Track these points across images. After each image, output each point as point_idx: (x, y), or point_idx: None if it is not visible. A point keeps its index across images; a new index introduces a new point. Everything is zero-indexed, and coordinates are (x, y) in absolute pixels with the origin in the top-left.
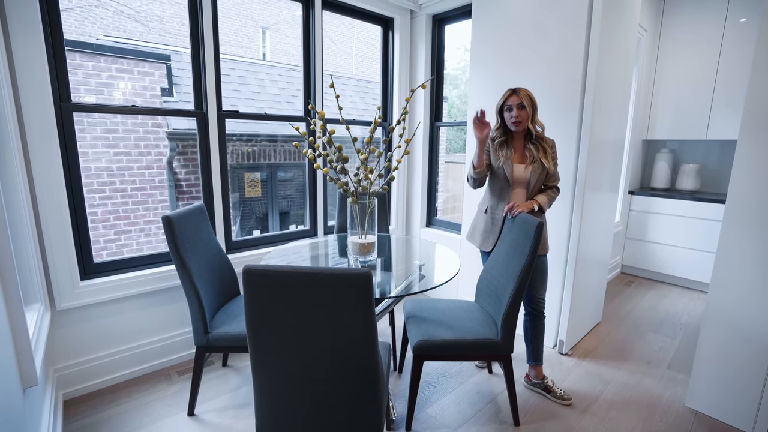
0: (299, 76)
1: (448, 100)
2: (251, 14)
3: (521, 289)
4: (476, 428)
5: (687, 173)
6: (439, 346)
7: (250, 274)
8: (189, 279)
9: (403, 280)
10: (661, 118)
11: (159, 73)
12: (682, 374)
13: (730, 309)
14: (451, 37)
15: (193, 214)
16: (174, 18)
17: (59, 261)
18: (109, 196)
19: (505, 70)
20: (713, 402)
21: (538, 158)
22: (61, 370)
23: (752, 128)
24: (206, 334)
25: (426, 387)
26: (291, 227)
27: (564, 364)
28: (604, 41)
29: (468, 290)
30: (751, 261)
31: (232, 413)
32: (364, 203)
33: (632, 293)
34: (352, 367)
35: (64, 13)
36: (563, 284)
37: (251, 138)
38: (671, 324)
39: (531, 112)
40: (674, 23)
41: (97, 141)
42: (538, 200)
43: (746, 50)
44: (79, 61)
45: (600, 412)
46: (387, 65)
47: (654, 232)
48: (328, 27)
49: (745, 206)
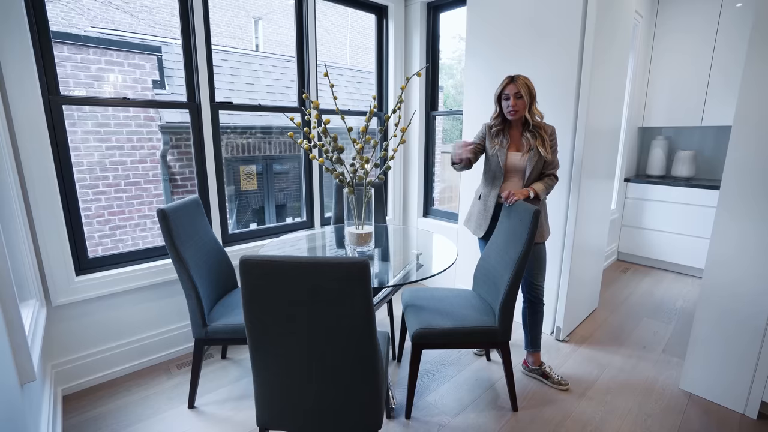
0: (293, 67)
1: (444, 89)
2: (243, 4)
3: (518, 276)
4: (475, 415)
5: (682, 160)
6: (437, 335)
7: (247, 264)
8: (186, 272)
9: (400, 269)
10: (657, 104)
11: (150, 65)
12: (677, 358)
13: (724, 293)
14: (446, 25)
15: (189, 207)
16: (164, 9)
17: (53, 257)
18: (103, 191)
19: (501, 58)
20: (707, 384)
21: (535, 146)
22: (59, 365)
23: (747, 114)
24: (204, 327)
25: (425, 375)
26: (288, 219)
27: (561, 351)
28: (600, 27)
29: (465, 279)
30: (744, 246)
31: (232, 405)
32: (361, 193)
33: (628, 280)
34: (351, 356)
35: (50, 4)
36: (560, 271)
37: (246, 130)
38: (666, 309)
39: (528, 102)
40: (670, 9)
41: (89, 135)
42: (535, 187)
43: (742, 35)
44: (67, 54)
45: (597, 396)
46: (382, 54)
47: (650, 219)
48: (321, 16)
49: (740, 192)
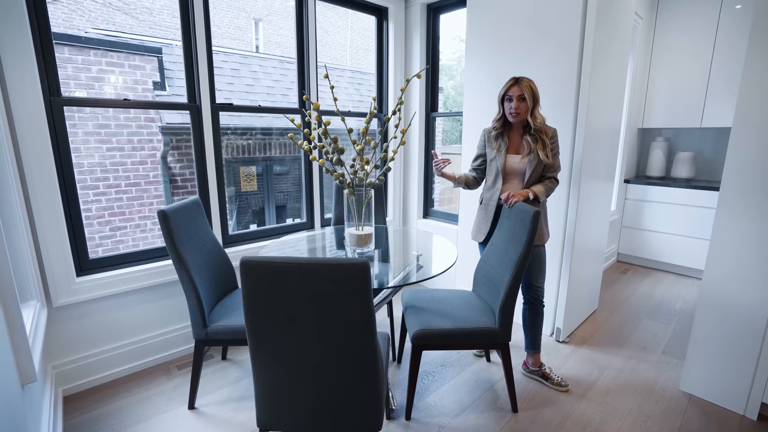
0: (293, 69)
1: (444, 91)
2: (243, 5)
3: (518, 277)
4: (475, 416)
5: (682, 161)
6: (437, 336)
7: (247, 265)
8: (186, 273)
9: (400, 270)
10: (657, 106)
11: (150, 66)
12: (677, 359)
13: (724, 294)
14: (446, 27)
15: (189, 208)
16: (164, 10)
17: (54, 258)
18: (103, 192)
19: (501, 58)
20: (707, 385)
21: (535, 149)
22: (60, 366)
23: (746, 115)
24: (205, 328)
25: (425, 376)
26: (288, 220)
27: (561, 352)
28: (599, 29)
29: (465, 280)
30: (744, 247)
31: (232, 406)
32: (361, 195)
33: (628, 281)
34: (352, 357)
35: (51, 5)
36: (560, 273)
37: (246, 131)
38: (666, 310)
39: (531, 105)
40: (670, 10)
41: (90, 136)
42: (534, 189)
43: (741, 37)
44: (68, 55)
45: (597, 397)
46: (382, 56)
47: (649, 221)
48: (321, 18)
49: (739, 193)
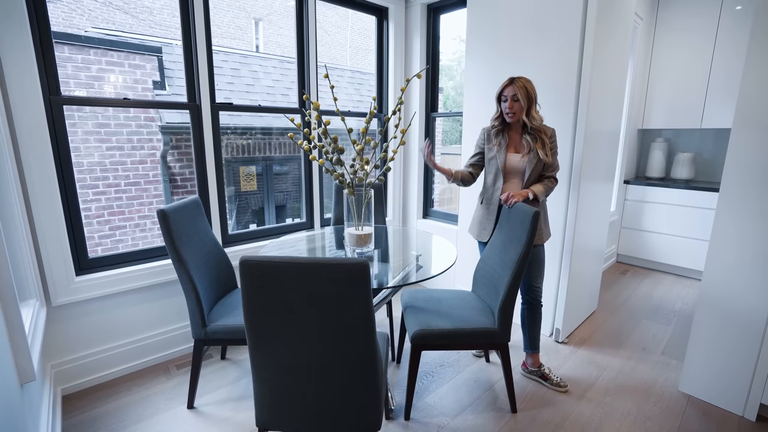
0: (293, 68)
1: (444, 91)
2: (243, 5)
3: (518, 278)
4: (474, 416)
5: (682, 162)
6: (436, 336)
7: (247, 265)
8: (186, 273)
9: (400, 270)
10: (657, 107)
11: (150, 65)
12: (676, 360)
13: (723, 295)
14: (446, 27)
15: (189, 207)
16: (164, 9)
17: (53, 257)
18: (103, 192)
19: (501, 59)
20: (706, 386)
21: (535, 148)
22: (59, 365)
23: (746, 116)
24: (204, 328)
25: (424, 376)
26: (287, 220)
27: (560, 352)
28: (599, 30)
29: (465, 280)
30: (744, 248)
31: (231, 405)
32: (361, 194)
33: (627, 282)
34: (351, 357)
35: (51, 4)
36: (559, 273)
37: (246, 131)
38: (665, 311)
39: (526, 105)
40: (670, 11)
41: (89, 136)
42: (534, 189)
43: (741, 38)
44: (67, 54)
45: (596, 398)
46: (382, 56)
47: (649, 221)
48: (322, 18)
49: (739, 194)
